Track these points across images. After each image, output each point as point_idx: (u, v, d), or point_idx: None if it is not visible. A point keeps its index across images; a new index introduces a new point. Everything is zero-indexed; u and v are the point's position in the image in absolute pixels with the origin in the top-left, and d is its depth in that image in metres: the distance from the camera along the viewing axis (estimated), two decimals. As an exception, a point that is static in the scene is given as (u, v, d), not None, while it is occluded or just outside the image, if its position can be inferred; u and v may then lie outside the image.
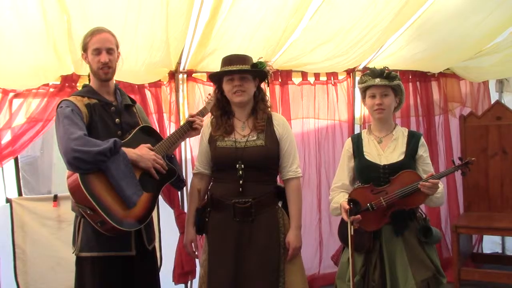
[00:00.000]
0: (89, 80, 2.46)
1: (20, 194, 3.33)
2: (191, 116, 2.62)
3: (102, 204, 2.12)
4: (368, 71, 2.67)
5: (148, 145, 2.39)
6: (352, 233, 2.40)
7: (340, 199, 2.56)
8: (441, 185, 2.49)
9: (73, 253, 2.35)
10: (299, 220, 2.56)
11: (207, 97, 2.78)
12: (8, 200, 3.25)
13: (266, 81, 2.68)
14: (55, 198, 3.32)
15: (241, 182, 2.45)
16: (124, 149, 2.23)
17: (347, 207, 2.42)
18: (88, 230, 2.26)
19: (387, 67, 2.64)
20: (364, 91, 2.64)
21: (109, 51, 2.33)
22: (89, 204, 2.11)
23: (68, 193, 2.24)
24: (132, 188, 2.21)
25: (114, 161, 2.16)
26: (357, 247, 2.50)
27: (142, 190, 2.27)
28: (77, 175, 2.13)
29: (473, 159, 2.50)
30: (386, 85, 2.56)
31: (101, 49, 2.31)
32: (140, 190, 2.26)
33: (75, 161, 2.09)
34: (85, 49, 2.36)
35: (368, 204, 2.45)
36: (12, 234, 3.21)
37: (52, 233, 3.27)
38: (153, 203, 2.38)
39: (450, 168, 2.57)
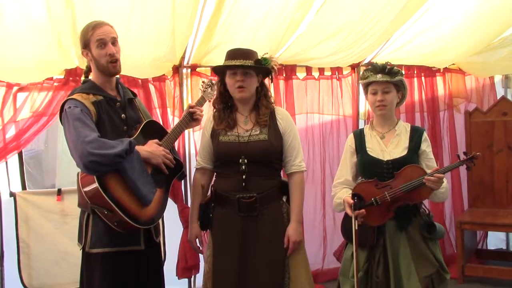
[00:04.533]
0: (85, 75, 2.39)
1: (24, 188, 3.34)
2: (191, 107, 2.60)
3: (120, 205, 2.12)
4: (369, 67, 2.63)
5: (156, 140, 2.38)
6: (356, 228, 2.39)
7: (343, 194, 2.54)
8: (445, 180, 2.47)
9: (80, 249, 2.33)
10: (300, 214, 2.54)
11: (201, 85, 2.75)
12: (12, 194, 3.26)
13: (270, 77, 2.65)
14: (59, 192, 3.31)
15: (244, 177, 2.44)
16: (136, 147, 2.22)
17: (351, 201, 2.41)
18: (99, 226, 2.24)
19: (389, 62, 2.61)
20: (366, 87, 2.62)
21: (114, 42, 2.29)
22: (107, 206, 2.11)
23: (72, 187, 2.24)
24: (147, 186, 2.22)
25: (129, 161, 2.15)
26: (361, 242, 2.48)
27: (156, 187, 2.28)
28: (93, 178, 2.11)
29: (478, 153, 2.47)
30: (387, 81, 2.53)
31: (106, 40, 2.24)
32: (154, 188, 2.26)
33: (92, 165, 2.06)
34: (86, 45, 2.27)
35: (372, 199, 2.44)
36: (16, 228, 3.23)
37: (56, 227, 3.28)
38: (166, 198, 2.39)
39: (455, 163, 2.54)
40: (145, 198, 2.21)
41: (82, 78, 2.90)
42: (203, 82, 2.76)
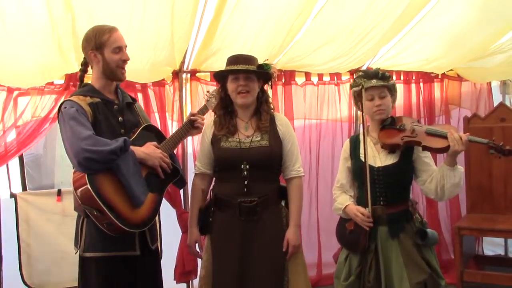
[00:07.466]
0: (81, 79, 2.41)
1: (24, 189, 3.36)
2: (192, 114, 2.61)
3: (110, 206, 2.09)
4: (361, 73, 2.64)
5: (154, 143, 2.37)
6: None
7: (345, 200, 2.58)
8: (462, 169, 2.46)
9: (76, 253, 2.33)
10: (298, 219, 2.56)
11: (206, 95, 2.77)
12: (13, 195, 3.28)
13: (270, 84, 2.66)
14: (59, 192, 3.35)
15: (245, 182, 2.45)
16: (132, 147, 2.22)
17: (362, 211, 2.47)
18: (92, 230, 2.24)
19: (380, 68, 2.65)
20: (359, 94, 2.60)
21: (126, 49, 2.34)
22: (97, 206, 2.08)
23: (71, 188, 2.23)
24: (139, 187, 2.20)
25: (123, 160, 2.14)
26: (353, 247, 2.53)
27: (149, 190, 2.25)
28: (84, 177, 2.08)
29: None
30: (383, 86, 2.55)
31: (122, 47, 2.29)
32: (147, 190, 2.24)
33: (86, 162, 2.05)
34: (99, 47, 2.25)
35: (400, 124, 2.55)
36: (17, 228, 3.24)
37: (56, 227, 3.30)
38: (159, 203, 2.36)
39: (484, 139, 2.47)
40: (137, 199, 2.17)
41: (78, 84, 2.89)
42: (207, 91, 2.78)
